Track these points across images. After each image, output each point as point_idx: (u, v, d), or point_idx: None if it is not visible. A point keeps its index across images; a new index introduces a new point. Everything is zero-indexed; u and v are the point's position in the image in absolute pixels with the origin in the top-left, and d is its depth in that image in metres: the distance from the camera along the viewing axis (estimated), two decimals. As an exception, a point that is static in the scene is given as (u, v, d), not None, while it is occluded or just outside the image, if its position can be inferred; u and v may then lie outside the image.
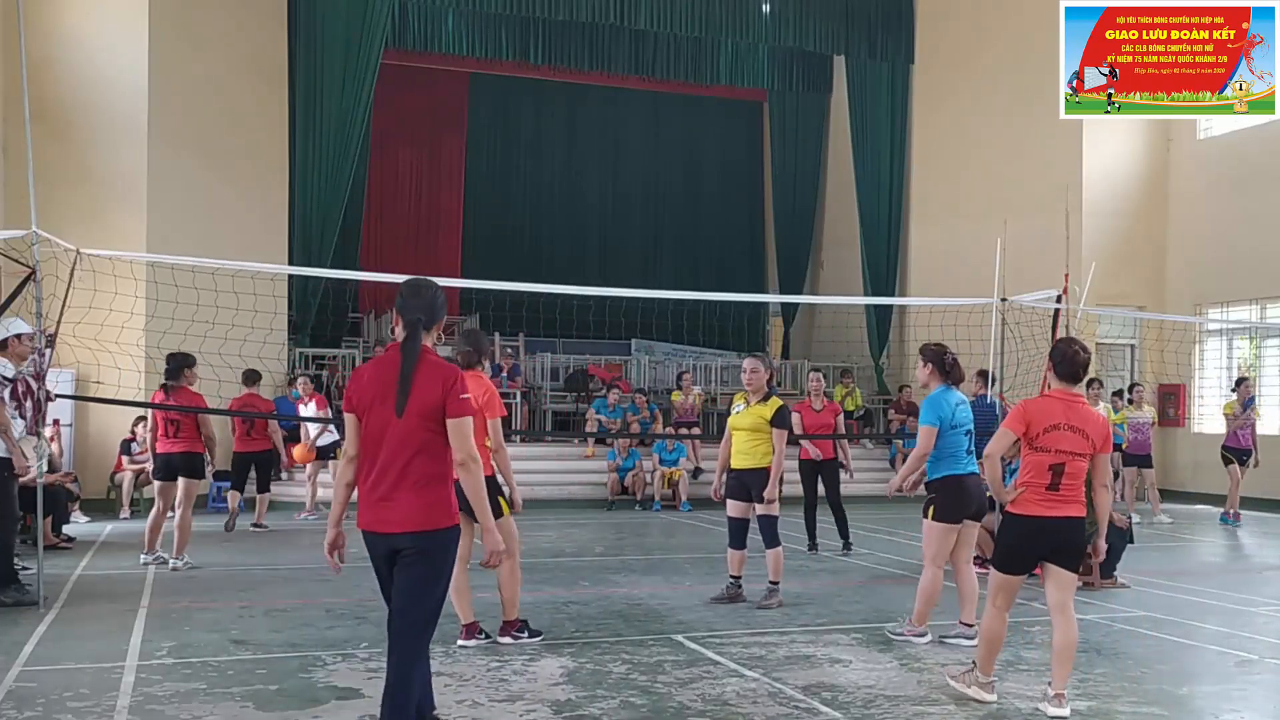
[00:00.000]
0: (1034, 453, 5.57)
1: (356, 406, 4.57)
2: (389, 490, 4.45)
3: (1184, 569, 11.14)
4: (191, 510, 10.37)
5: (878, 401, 20.69)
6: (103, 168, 15.07)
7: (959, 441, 7.26)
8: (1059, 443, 5.53)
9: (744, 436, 8.44)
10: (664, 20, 19.75)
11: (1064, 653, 5.64)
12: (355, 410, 4.58)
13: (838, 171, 22.98)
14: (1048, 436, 5.53)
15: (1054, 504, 5.57)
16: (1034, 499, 5.59)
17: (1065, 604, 5.65)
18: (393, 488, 4.45)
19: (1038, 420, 5.57)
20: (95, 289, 10.14)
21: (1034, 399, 5.87)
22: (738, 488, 8.51)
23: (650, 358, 21.17)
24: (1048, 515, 5.56)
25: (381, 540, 4.50)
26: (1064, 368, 5.66)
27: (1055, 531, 5.59)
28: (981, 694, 5.84)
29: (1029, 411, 5.63)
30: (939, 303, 14.94)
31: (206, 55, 16.20)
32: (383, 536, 4.49)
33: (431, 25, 20.60)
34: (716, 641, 7.24)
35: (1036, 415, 5.59)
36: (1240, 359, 18.37)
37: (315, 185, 17.93)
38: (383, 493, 4.46)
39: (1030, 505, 5.59)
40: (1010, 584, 5.75)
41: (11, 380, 8.25)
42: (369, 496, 4.51)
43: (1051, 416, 5.57)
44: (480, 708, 5.66)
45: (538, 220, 24.16)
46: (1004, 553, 5.77)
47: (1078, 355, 5.64)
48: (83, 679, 6.15)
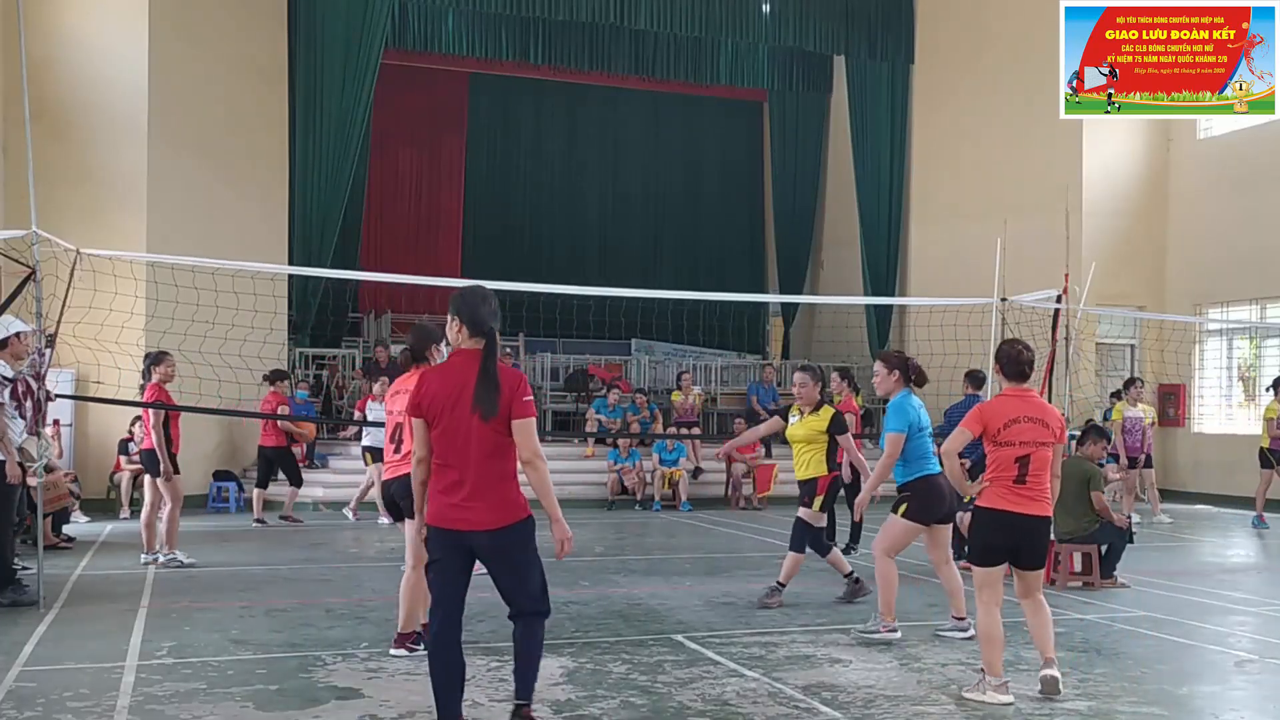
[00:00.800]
0: (998, 448, 5.84)
1: (426, 412, 4.83)
2: (470, 492, 4.74)
3: (1184, 569, 11.14)
4: (174, 507, 10.31)
5: (878, 401, 20.67)
6: (103, 168, 15.06)
7: (925, 444, 7.47)
8: (1021, 435, 5.80)
9: (798, 448, 8.58)
10: (664, 20, 19.75)
11: (1041, 630, 5.96)
12: (424, 415, 4.84)
13: (838, 171, 22.98)
14: (1009, 431, 5.81)
15: (1022, 500, 5.81)
16: (1003, 492, 5.83)
17: (1032, 594, 6.00)
18: (473, 489, 4.74)
19: (995, 418, 5.84)
20: (95, 289, 10.14)
21: (988, 400, 6.09)
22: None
23: (650, 358, 21.16)
24: (1015, 511, 5.80)
25: (460, 537, 4.77)
26: (1010, 367, 6.01)
27: (1021, 528, 5.82)
28: (998, 697, 5.82)
29: (985, 412, 5.92)
30: (939, 303, 14.94)
31: (206, 55, 16.18)
32: (463, 534, 4.76)
33: (431, 25, 20.60)
34: (716, 641, 7.24)
35: (992, 414, 5.88)
36: (1240, 359, 18.38)
37: (315, 185, 17.92)
38: (465, 495, 4.74)
39: (998, 499, 5.84)
40: (992, 576, 5.94)
41: (11, 380, 8.25)
42: (446, 497, 4.79)
43: (1008, 412, 5.85)
44: (480, 708, 5.66)
45: (538, 220, 24.15)
46: (979, 547, 5.97)
47: (1021, 354, 6.01)
48: (83, 679, 6.15)
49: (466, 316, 4.85)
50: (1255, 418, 16.84)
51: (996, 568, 5.93)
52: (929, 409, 7.83)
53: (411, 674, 6.30)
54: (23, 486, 8.56)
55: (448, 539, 4.80)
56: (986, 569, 5.92)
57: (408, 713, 5.57)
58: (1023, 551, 5.90)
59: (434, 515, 4.84)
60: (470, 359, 4.81)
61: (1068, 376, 11.53)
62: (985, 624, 5.90)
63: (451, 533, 4.78)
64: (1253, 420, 17.42)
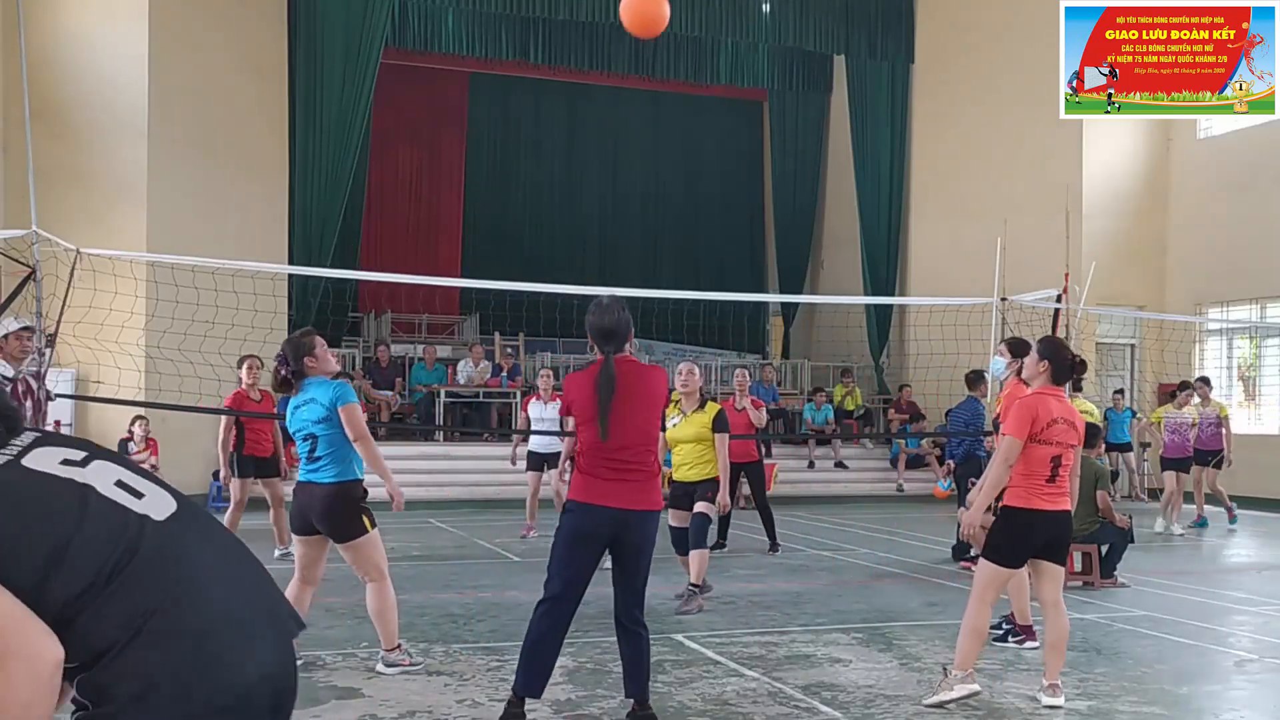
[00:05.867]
0: (1037, 446, 5.74)
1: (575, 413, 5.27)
2: (631, 475, 5.07)
3: (1184, 569, 11.14)
4: (234, 509, 10.58)
5: (878, 401, 20.69)
6: (103, 168, 15.06)
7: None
8: (1057, 435, 5.76)
9: (686, 448, 8.49)
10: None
11: (1057, 645, 5.83)
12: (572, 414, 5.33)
13: (838, 171, 22.97)
14: (1050, 430, 5.74)
15: (1052, 497, 5.77)
16: (1034, 491, 5.75)
17: (1058, 599, 5.89)
18: (633, 473, 5.08)
19: (1041, 416, 5.76)
20: (95, 289, 10.14)
21: (1028, 397, 5.98)
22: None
23: (650, 357, 21.14)
24: (1046, 509, 5.75)
25: (614, 515, 5.05)
26: (1061, 373, 5.97)
27: (1050, 524, 5.77)
28: (968, 687, 5.68)
29: (1032, 410, 5.78)
30: (939, 302, 14.95)
31: (206, 55, 16.18)
32: (619, 512, 5.05)
33: (431, 25, 20.59)
34: (716, 641, 7.24)
35: (1040, 412, 5.77)
36: (1240, 359, 18.38)
37: (315, 185, 17.92)
38: (626, 478, 5.06)
39: (1030, 498, 5.75)
40: (1004, 578, 5.87)
41: (11, 380, 8.25)
42: (609, 482, 5.06)
43: (1051, 412, 5.79)
44: (480, 707, 5.66)
45: (538, 220, 24.14)
46: (1010, 546, 5.80)
47: (1075, 362, 6.06)
48: (83, 679, 6.13)
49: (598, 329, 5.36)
50: (1256, 418, 16.87)
51: (1010, 570, 5.84)
52: (928, 409, 7.82)
53: (412, 674, 6.30)
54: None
55: (602, 517, 5.20)
56: (1001, 569, 5.79)
57: (408, 713, 5.57)
58: (1052, 547, 5.84)
59: (594, 495, 5.19)
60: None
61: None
62: (979, 622, 5.81)
63: (611, 511, 5.16)
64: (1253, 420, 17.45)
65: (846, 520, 14.76)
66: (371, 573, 6.17)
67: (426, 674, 6.28)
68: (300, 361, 6.11)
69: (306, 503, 6.12)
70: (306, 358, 6.13)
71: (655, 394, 5.24)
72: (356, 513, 6.09)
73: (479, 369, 17.67)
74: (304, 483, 6.14)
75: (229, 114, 16.55)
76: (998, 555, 5.81)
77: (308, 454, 6.14)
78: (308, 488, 6.12)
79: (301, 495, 6.15)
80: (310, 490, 6.10)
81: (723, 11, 20.02)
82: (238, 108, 16.73)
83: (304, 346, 6.14)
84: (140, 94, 15.18)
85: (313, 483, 6.10)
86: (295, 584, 6.29)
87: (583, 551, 5.09)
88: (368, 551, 6.13)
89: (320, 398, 6.07)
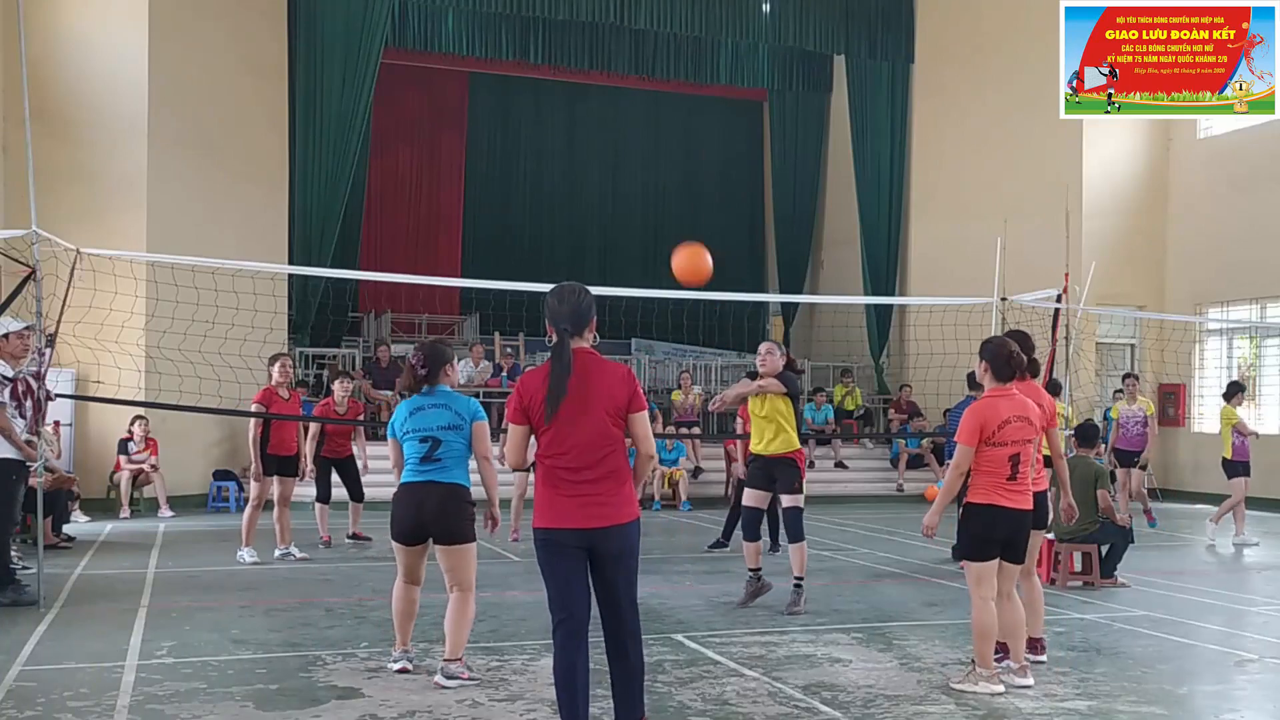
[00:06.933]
0: (992, 449, 5.97)
1: (532, 417, 4.79)
2: (591, 488, 4.74)
3: (1184, 569, 11.14)
4: (252, 506, 10.65)
5: (878, 401, 20.69)
6: (103, 168, 15.06)
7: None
8: (1012, 435, 5.97)
9: (763, 423, 8.34)
10: (664, 20, 19.75)
11: (1014, 629, 6.11)
12: (529, 420, 4.80)
13: (838, 171, 22.96)
14: (1002, 432, 5.96)
15: (1012, 494, 5.99)
16: (994, 489, 5.99)
17: (1010, 590, 6.13)
18: (594, 485, 4.74)
19: (989, 421, 5.97)
20: (95, 289, 10.13)
21: (977, 403, 6.17)
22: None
23: (650, 357, 21.15)
24: (1006, 505, 5.98)
25: (582, 536, 4.74)
26: (1001, 370, 6.10)
27: (1010, 521, 6.00)
28: (990, 687, 5.94)
29: (979, 418, 6.00)
30: (939, 302, 14.95)
31: (206, 55, 16.18)
32: (585, 532, 4.73)
33: (431, 25, 20.58)
34: (716, 641, 7.24)
35: (986, 419, 5.98)
36: (1240, 359, 18.38)
37: (315, 185, 17.92)
38: (586, 491, 4.73)
39: (991, 495, 5.99)
40: (987, 570, 6.05)
41: (11, 380, 8.25)
42: (570, 498, 4.74)
43: (1000, 414, 5.99)
44: (480, 707, 5.66)
45: (538, 220, 24.13)
46: (975, 542, 6.08)
47: (1011, 356, 6.14)
48: (83, 678, 6.15)
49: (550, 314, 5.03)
50: (1256, 418, 16.87)
51: (990, 562, 6.03)
52: (928, 409, 7.83)
53: (411, 674, 6.30)
54: (24, 486, 8.56)
55: (567, 539, 4.87)
56: (983, 563, 6.02)
57: (407, 712, 5.57)
58: (1010, 545, 6.05)
59: (556, 518, 4.89)
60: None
61: (1068, 376, 11.54)
62: (981, 618, 5.98)
63: (576, 532, 4.84)
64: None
65: (846, 520, 14.76)
66: (463, 582, 6.24)
67: (427, 674, 6.28)
68: (440, 368, 6.26)
69: (421, 501, 6.13)
70: (447, 365, 6.31)
71: (613, 391, 4.78)
72: (470, 516, 6.24)
73: (479, 369, 17.67)
74: (417, 483, 6.16)
75: (229, 114, 16.55)
76: (967, 551, 6.13)
77: (423, 455, 6.16)
78: (424, 487, 6.14)
79: (413, 495, 6.16)
80: (427, 489, 6.14)
81: (723, 11, 20.02)
82: (238, 108, 16.73)
83: (446, 355, 6.33)
84: (140, 94, 15.18)
85: (431, 482, 6.15)
86: (401, 584, 6.40)
87: (565, 569, 4.77)
88: (468, 559, 6.26)
89: (456, 406, 6.22)
